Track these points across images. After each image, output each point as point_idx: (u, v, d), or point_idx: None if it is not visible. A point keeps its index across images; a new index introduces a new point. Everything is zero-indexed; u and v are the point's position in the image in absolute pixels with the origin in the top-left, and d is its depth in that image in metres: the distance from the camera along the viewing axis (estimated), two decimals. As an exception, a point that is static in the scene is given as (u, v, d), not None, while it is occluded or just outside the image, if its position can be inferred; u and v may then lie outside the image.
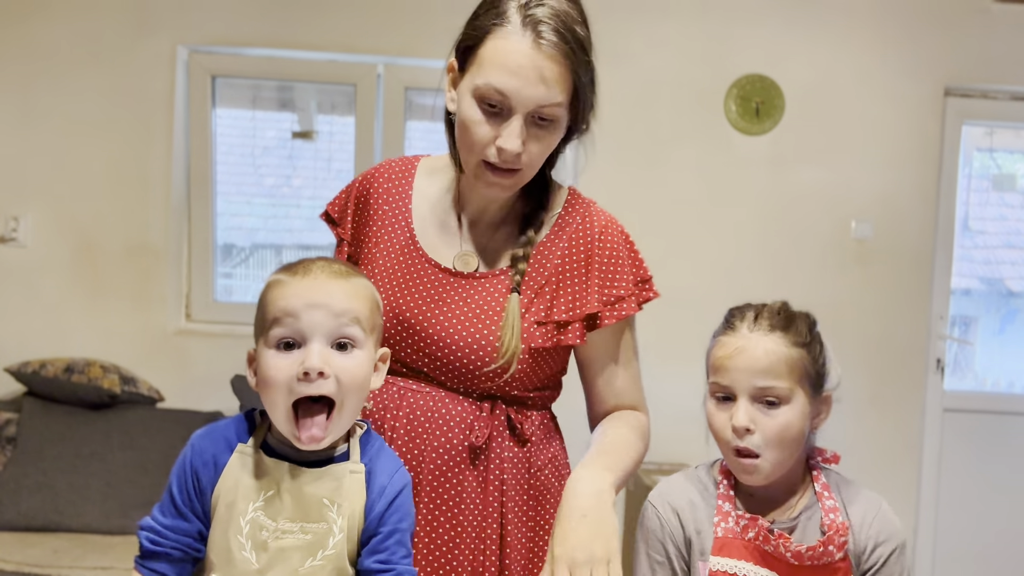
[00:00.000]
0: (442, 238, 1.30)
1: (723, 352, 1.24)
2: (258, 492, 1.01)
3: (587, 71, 1.21)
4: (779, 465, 1.21)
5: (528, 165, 1.22)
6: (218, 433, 1.05)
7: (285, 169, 3.43)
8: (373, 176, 1.35)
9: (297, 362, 0.98)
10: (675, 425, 3.27)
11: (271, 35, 3.16)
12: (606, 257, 1.30)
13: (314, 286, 1.01)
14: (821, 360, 1.25)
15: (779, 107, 3.20)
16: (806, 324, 1.25)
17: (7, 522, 2.66)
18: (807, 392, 1.22)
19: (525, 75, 1.14)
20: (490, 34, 1.17)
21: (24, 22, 3.12)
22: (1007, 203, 3.57)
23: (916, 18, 3.22)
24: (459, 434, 1.22)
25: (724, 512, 1.23)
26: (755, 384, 1.20)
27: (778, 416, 1.19)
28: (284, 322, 1.00)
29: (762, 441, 1.19)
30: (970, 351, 3.61)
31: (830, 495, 1.24)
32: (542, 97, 1.16)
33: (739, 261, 3.21)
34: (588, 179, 3.19)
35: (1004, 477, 3.38)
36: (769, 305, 1.27)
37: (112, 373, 2.92)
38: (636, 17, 3.18)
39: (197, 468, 1.02)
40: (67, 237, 3.16)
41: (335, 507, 1.01)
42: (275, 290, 1.02)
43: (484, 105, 1.17)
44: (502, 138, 1.17)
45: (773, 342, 1.21)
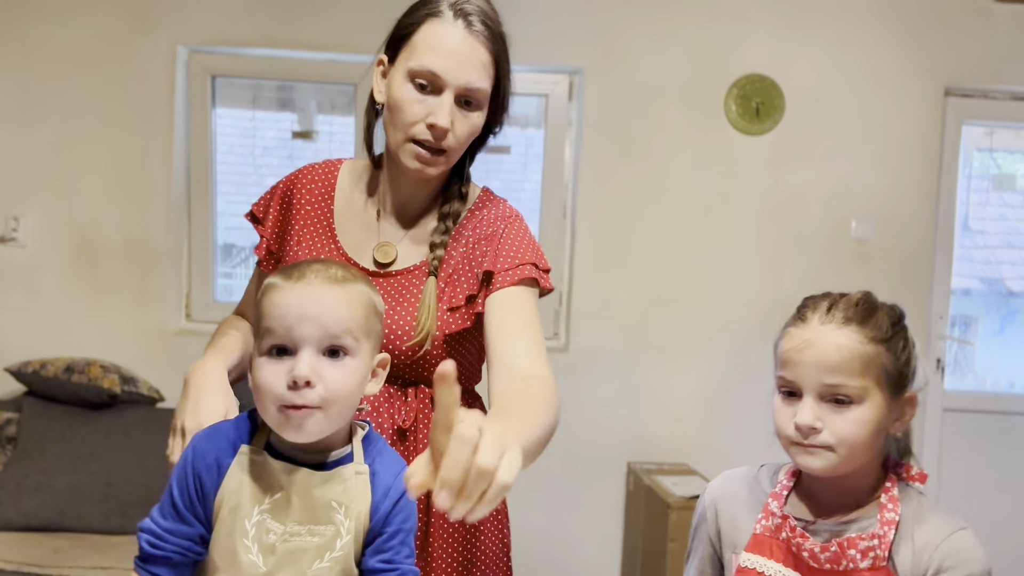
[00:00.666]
0: (363, 235, 1.36)
1: (791, 344, 1.14)
2: (264, 495, 1.01)
3: (507, 63, 1.31)
4: (850, 461, 1.12)
5: (453, 148, 1.28)
6: (220, 434, 1.04)
7: (285, 169, 3.42)
8: (297, 177, 1.42)
9: (287, 370, 0.98)
10: (673, 425, 3.28)
11: (271, 35, 3.16)
12: (510, 236, 1.33)
13: (307, 293, 1.00)
14: (904, 357, 1.14)
15: (779, 107, 3.20)
16: (888, 318, 1.14)
17: (7, 522, 2.66)
18: (885, 392, 1.12)
19: (456, 56, 1.24)
20: (423, 23, 1.27)
21: (24, 22, 3.12)
22: (1007, 203, 3.57)
23: (916, 18, 3.22)
24: (387, 417, 1.27)
25: (769, 511, 1.18)
26: (823, 381, 1.11)
27: (849, 415, 1.10)
28: (276, 330, 1.00)
29: (831, 440, 1.10)
30: (970, 351, 3.61)
31: (893, 508, 1.13)
32: (471, 78, 1.25)
33: (739, 261, 3.21)
34: (588, 179, 3.21)
35: (1004, 477, 3.38)
36: (848, 296, 1.17)
37: (112, 373, 2.92)
38: (636, 17, 3.18)
39: (199, 470, 1.01)
40: (67, 237, 3.16)
41: (342, 509, 1.01)
42: (270, 295, 1.02)
43: (416, 85, 1.25)
44: (434, 115, 1.24)
45: (846, 336, 1.11)
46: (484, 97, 1.29)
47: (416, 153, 1.27)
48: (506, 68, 1.31)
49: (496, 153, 3.35)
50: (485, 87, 1.28)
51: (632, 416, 3.22)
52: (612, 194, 3.21)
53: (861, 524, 1.13)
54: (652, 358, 3.23)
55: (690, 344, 3.23)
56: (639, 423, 3.22)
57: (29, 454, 2.78)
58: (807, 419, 1.11)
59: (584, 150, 3.20)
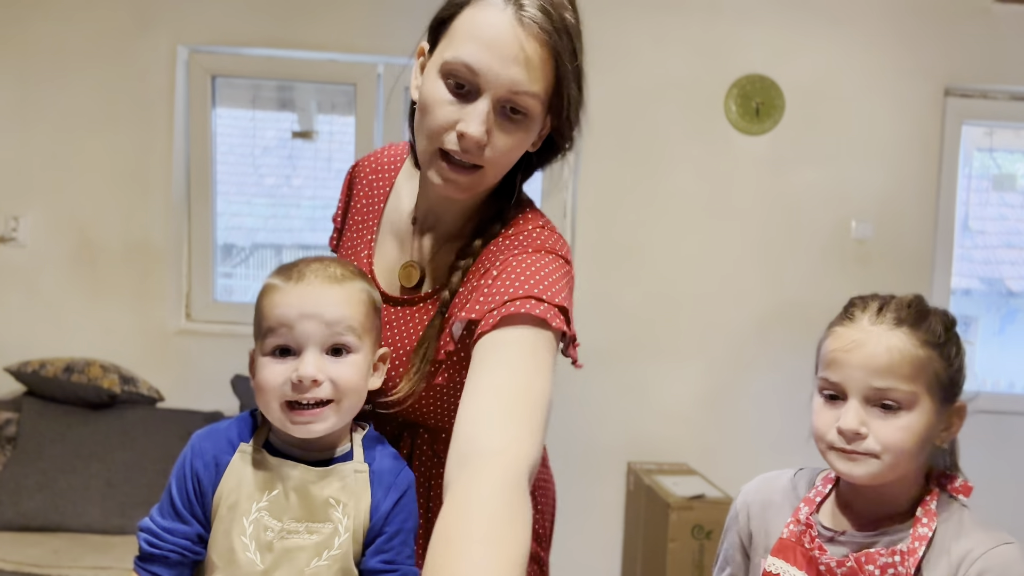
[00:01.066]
0: (396, 252, 1.17)
1: (838, 344, 1.07)
2: (262, 492, 1.00)
3: (572, 61, 1.02)
4: (894, 469, 1.05)
5: (491, 163, 1.03)
6: (219, 433, 1.05)
7: (285, 169, 3.43)
8: (361, 165, 1.26)
9: (291, 369, 0.99)
10: (673, 425, 3.28)
11: (271, 35, 3.16)
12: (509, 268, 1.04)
13: (307, 293, 1.00)
14: (957, 364, 1.08)
15: (779, 107, 3.20)
16: (942, 322, 1.08)
17: (7, 522, 2.66)
18: (935, 400, 1.05)
19: (500, 51, 0.98)
20: (468, 5, 1.01)
21: (24, 21, 3.12)
22: (1007, 203, 3.57)
23: (916, 18, 3.22)
24: None
25: (797, 516, 1.14)
26: (871, 384, 1.04)
27: (897, 422, 1.04)
28: (278, 331, 1.00)
29: (877, 447, 1.04)
30: (970, 351, 3.60)
31: (928, 523, 1.05)
32: (516, 80, 0.99)
33: (739, 261, 3.21)
34: (588, 179, 3.20)
35: (1004, 477, 3.37)
36: (899, 297, 1.10)
37: (112, 373, 2.92)
38: (636, 17, 3.18)
39: (198, 469, 1.02)
40: (67, 237, 3.16)
41: (340, 507, 1.01)
42: (270, 296, 1.02)
43: (450, 83, 1.01)
44: (464, 121, 0.99)
45: (898, 338, 1.05)
46: (534, 105, 1.01)
47: (440, 167, 1.03)
48: (569, 68, 1.02)
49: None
50: (535, 91, 1.00)
51: (632, 416, 3.22)
52: (612, 194, 3.21)
53: (892, 538, 1.07)
54: (652, 358, 3.23)
55: (690, 344, 3.23)
56: (639, 423, 3.22)
57: (29, 454, 2.78)
58: (852, 424, 1.04)
59: (584, 150, 3.20)
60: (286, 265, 1.06)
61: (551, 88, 1.02)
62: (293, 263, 1.05)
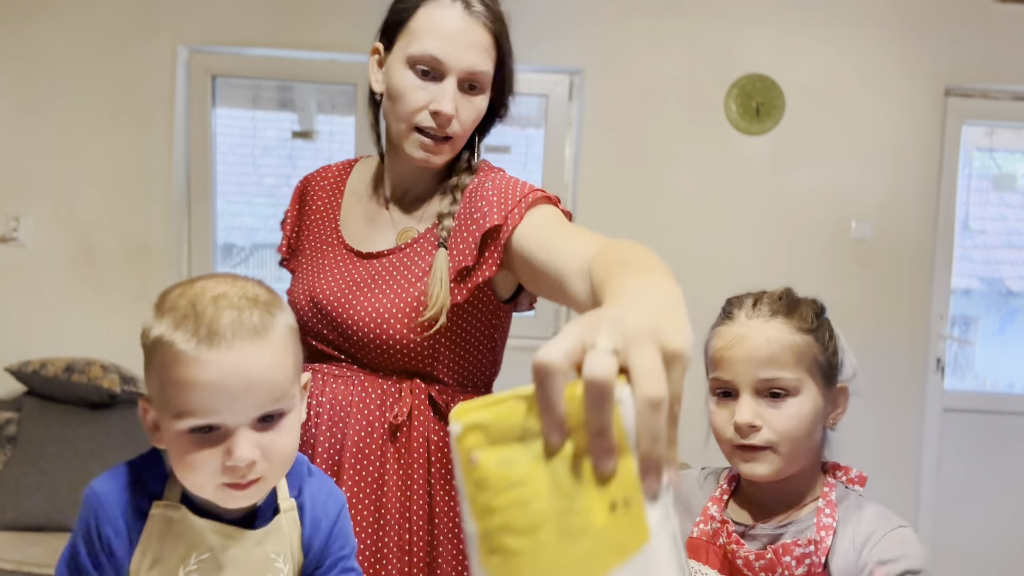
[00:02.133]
0: (365, 227, 1.34)
1: (721, 343, 1.12)
2: (189, 554, 0.90)
3: (508, 43, 1.26)
4: (791, 459, 1.08)
5: (459, 134, 1.25)
6: (123, 489, 0.91)
7: (285, 169, 3.43)
8: (312, 177, 1.43)
9: (222, 452, 0.84)
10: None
11: (271, 35, 3.16)
12: (489, 193, 1.24)
13: (231, 365, 0.82)
14: (832, 348, 1.12)
15: (779, 107, 3.20)
16: (812, 309, 1.13)
17: (7, 522, 2.66)
18: (818, 383, 1.09)
19: (457, 40, 1.20)
20: (421, 7, 1.22)
21: (24, 21, 3.12)
22: (1007, 203, 3.57)
23: (916, 18, 3.22)
24: (379, 415, 1.24)
25: (708, 515, 1.14)
26: (758, 376, 1.08)
27: (787, 408, 1.07)
28: (198, 413, 0.83)
29: (772, 436, 1.07)
30: (970, 351, 3.61)
31: (831, 513, 1.08)
32: (473, 62, 1.21)
33: (738, 261, 3.21)
34: (588, 179, 3.21)
35: (1004, 477, 3.38)
36: (770, 292, 1.15)
37: (112, 373, 2.92)
38: (636, 17, 3.18)
39: (108, 537, 0.89)
40: (67, 237, 3.16)
41: (280, 557, 0.94)
42: (180, 369, 0.82)
43: (417, 70, 1.22)
44: (436, 101, 1.21)
45: (775, 328, 1.09)
46: (487, 79, 1.25)
47: (421, 142, 1.23)
48: (508, 48, 1.27)
49: (496, 153, 3.35)
50: (488, 69, 1.24)
51: (632, 416, 3.21)
52: (612, 194, 3.21)
53: (799, 527, 1.09)
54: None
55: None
56: (639, 423, 3.21)
57: (29, 454, 2.78)
58: (746, 416, 1.07)
59: (584, 150, 3.20)
60: (183, 306, 0.84)
61: (496, 65, 1.25)
62: (190, 302, 0.84)
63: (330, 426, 1.25)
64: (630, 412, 0.51)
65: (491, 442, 0.54)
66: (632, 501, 0.51)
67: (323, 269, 1.33)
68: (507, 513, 0.53)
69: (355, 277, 1.29)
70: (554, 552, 0.51)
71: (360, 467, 1.24)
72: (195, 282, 0.88)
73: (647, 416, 0.50)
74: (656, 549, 0.51)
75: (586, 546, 0.51)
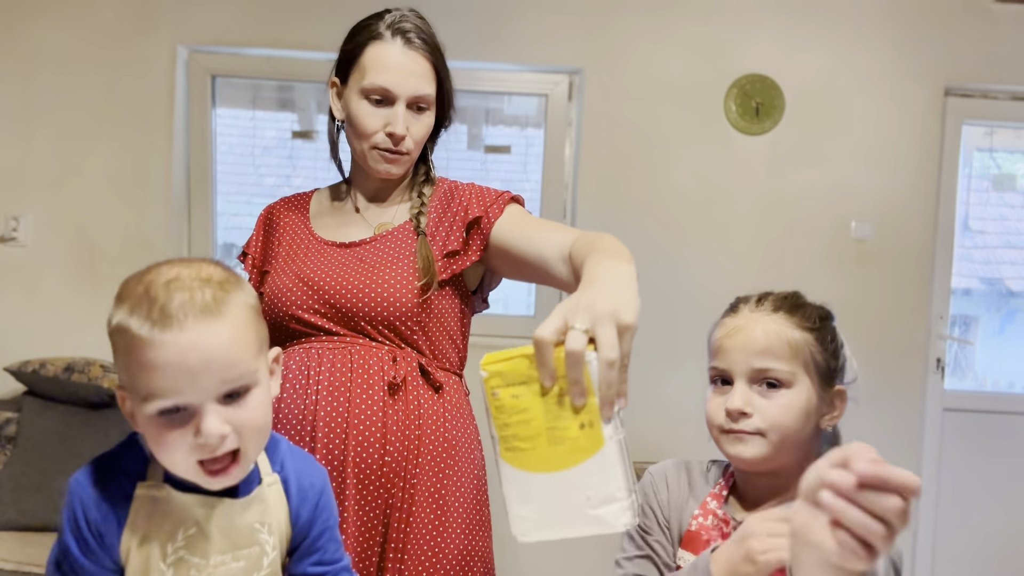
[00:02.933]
0: (339, 227, 1.52)
1: (721, 333, 1.18)
2: (176, 531, 0.92)
3: (445, 68, 1.48)
4: (779, 448, 1.10)
5: (412, 147, 1.46)
6: (107, 475, 0.93)
7: (285, 169, 3.43)
8: (274, 205, 1.61)
9: (190, 430, 0.86)
10: (674, 425, 3.28)
11: (271, 35, 3.16)
12: (467, 193, 1.50)
13: (187, 345, 0.84)
14: (832, 349, 1.15)
15: (779, 107, 3.20)
16: (817, 313, 1.16)
17: (7, 522, 2.66)
18: (814, 381, 1.12)
19: (401, 71, 1.42)
20: (367, 46, 1.44)
21: (24, 21, 3.12)
22: (1007, 203, 3.57)
23: (916, 18, 3.22)
24: (379, 377, 1.38)
25: (707, 509, 1.16)
26: (752, 364, 1.11)
27: (778, 399, 1.10)
28: (162, 395, 0.85)
29: (762, 424, 1.09)
30: (970, 351, 3.61)
31: None
32: (417, 87, 1.43)
33: (738, 261, 3.21)
34: (588, 179, 3.21)
35: (1004, 477, 3.38)
36: (778, 292, 1.20)
37: (112, 373, 2.92)
38: (636, 17, 3.18)
39: (95, 521, 0.91)
40: (67, 236, 3.16)
41: (265, 528, 0.97)
42: (139, 353, 0.85)
43: (371, 100, 1.43)
44: (391, 124, 1.43)
45: (775, 322, 1.13)
46: (431, 99, 1.46)
47: (381, 156, 1.45)
48: (445, 72, 1.48)
49: (496, 153, 3.35)
50: (430, 91, 1.45)
51: (632, 416, 3.20)
52: (612, 194, 3.21)
53: None
54: (652, 358, 3.22)
55: (690, 344, 3.22)
56: (639, 423, 3.21)
57: (29, 454, 2.78)
58: (738, 403, 1.11)
59: (584, 150, 3.20)
60: (138, 292, 0.87)
61: (436, 86, 1.47)
62: (145, 287, 0.87)
63: (331, 391, 1.37)
64: (595, 369, 0.84)
65: (506, 383, 0.87)
66: (594, 423, 0.85)
67: (306, 257, 1.47)
68: (516, 427, 0.87)
69: (341, 260, 1.45)
70: (545, 451, 0.86)
71: (365, 429, 1.35)
72: (151, 268, 0.91)
73: (605, 371, 0.84)
74: (608, 450, 0.85)
75: (565, 448, 0.86)
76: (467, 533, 1.42)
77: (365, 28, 1.46)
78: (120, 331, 0.86)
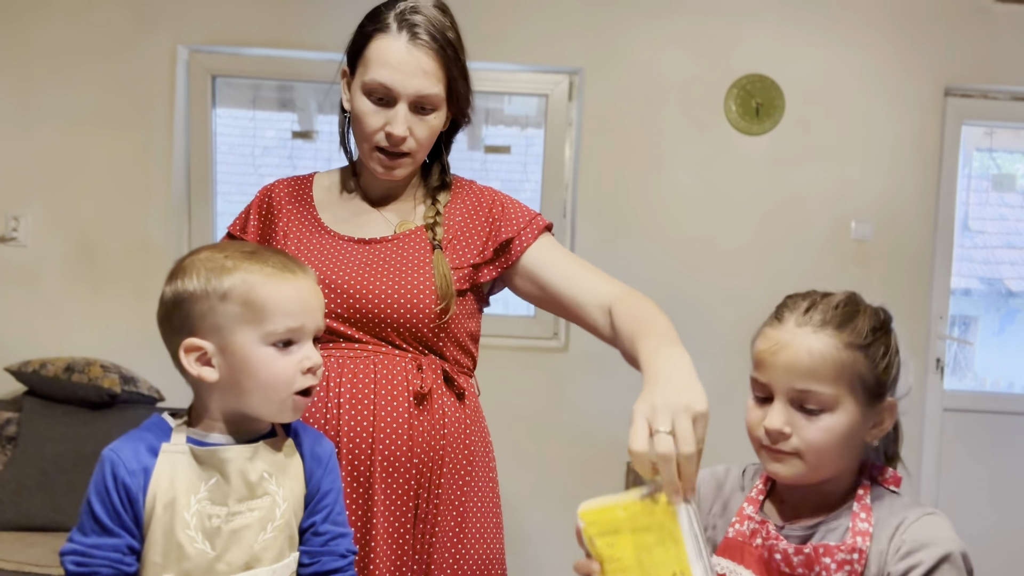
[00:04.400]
0: (351, 217, 1.45)
1: (765, 345, 1.11)
2: (198, 483, 1.02)
3: (457, 67, 1.38)
4: (818, 469, 1.08)
5: (416, 149, 1.38)
6: (135, 442, 1.04)
7: (285, 169, 3.43)
8: (272, 186, 1.51)
9: (299, 359, 1.05)
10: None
11: (271, 35, 3.16)
12: (499, 207, 1.45)
13: (307, 288, 1.07)
14: (883, 365, 1.09)
15: (779, 107, 3.20)
16: (871, 322, 1.10)
17: (7, 522, 2.66)
18: (859, 400, 1.07)
19: (404, 68, 1.33)
20: (373, 39, 1.35)
21: (24, 21, 3.12)
22: (1007, 203, 3.58)
23: (916, 18, 3.22)
24: (404, 386, 1.34)
25: (744, 515, 1.14)
26: (794, 386, 1.06)
27: (819, 422, 1.06)
28: (287, 324, 1.04)
29: (800, 445, 1.07)
30: (970, 351, 3.61)
31: (867, 517, 1.07)
32: (420, 87, 1.34)
33: (738, 261, 3.21)
34: (588, 179, 3.21)
35: (1004, 477, 3.38)
36: (831, 296, 1.12)
37: (112, 373, 2.92)
38: (636, 17, 3.18)
39: (123, 479, 1.00)
40: (67, 236, 3.16)
41: (273, 479, 1.06)
42: (273, 289, 1.04)
43: (372, 98, 1.35)
44: (390, 124, 1.34)
45: (821, 341, 1.06)
46: (438, 100, 1.36)
47: (380, 159, 1.38)
48: (458, 70, 1.38)
49: (496, 153, 3.35)
50: (436, 91, 1.35)
51: (632, 416, 3.21)
52: (612, 194, 3.21)
53: (830, 526, 1.09)
54: (652, 358, 3.22)
55: (690, 344, 3.20)
56: (639, 423, 3.22)
57: (29, 454, 2.78)
58: (776, 423, 1.07)
59: (584, 150, 3.20)
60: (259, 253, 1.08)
61: (446, 85, 1.37)
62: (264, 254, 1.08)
63: (355, 404, 1.32)
64: (684, 517, 0.91)
65: (601, 532, 0.95)
66: (685, 571, 0.90)
67: (324, 255, 1.40)
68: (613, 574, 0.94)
69: (362, 259, 1.38)
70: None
71: (391, 443, 1.32)
72: (215, 244, 1.12)
73: (684, 464, 0.92)
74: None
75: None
76: (486, 538, 1.41)
77: (375, 16, 1.37)
78: (258, 279, 1.03)
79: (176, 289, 1.06)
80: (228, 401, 1.05)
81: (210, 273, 1.04)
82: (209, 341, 1.03)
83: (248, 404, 1.05)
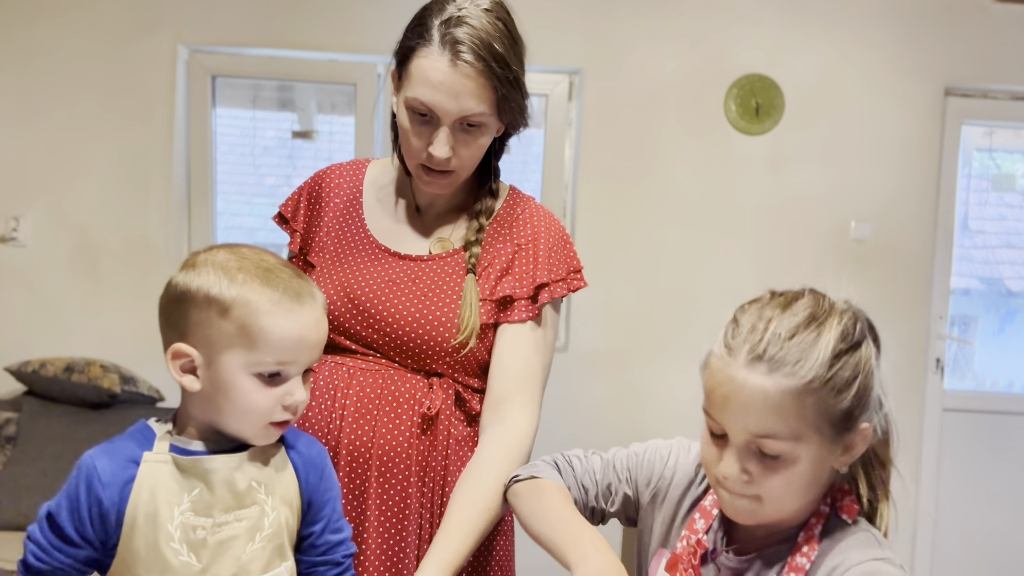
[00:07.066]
0: (394, 226, 1.40)
1: (714, 383, 0.98)
2: (181, 494, 0.99)
3: (506, 82, 1.26)
4: (780, 512, 0.99)
5: (461, 167, 1.31)
6: (116, 451, 1.02)
7: (285, 169, 3.43)
8: (325, 173, 1.46)
9: (280, 394, 1.01)
10: (673, 425, 3.28)
11: (271, 35, 3.16)
12: (552, 243, 1.37)
13: (309, 320, 1.02)
14: (851, 393, 0.96)
15: (779, 107, 3.20)
16: (833, 347, 0.95)
17: (7, 522, 2.66)
18: (825, 436, 0.95)
19: (445, 91, 1.24)
20: (415, 51, 1.26)
21: (25, 21, 3.12)
22: (1007, 203, 3.58)
23: (916, 18, 3.22)
24: (408, 408, 1.29)
25: (694, 528, 1.06)
26: (749, 430, 0.94)
27: (779, 470, 0.95)
28: (276, 357, 1.00)
29: (761, 492, 0.97)
30: (970, 351, 3.61)
31: (809, 551, 0.98)
32: (464, 107, 1.25)
33: (738, 261, 3.21)
34: (588, 179, 3.21)
35: (1004, 477, 3.38)
36: (787, 315, 0.97)
37: (112, 373, 2.92)
38: (636, 17, 3.18)
39: (97, 492, 0.98)
40: (67, 236, 3.16)
41: (262, 488, 1.03)
42: (271, 320, 0.99)
43: (415, 115, 1.27)
44: (432, 146, 1.27)
45: (776, 384, 0.93)
46: (484, 118, 1.28)
47: (423, 178, 1.32)
48: (506, 87, 1.26)
49: (496, 153, 3.35)
50: (482, 109, 1.26)
51: (632, 416, 3.22)
52: (612, 194, 3.22)
53: (767, 558, 1.02)
54: (652, 358, 3.23)
55: (690, 344, 3.22)
56: (639, 423, 3.22)
57: (29, 454, 2.78)
58: (731, 471, 0.96)
59: (584, 150, 3.20)
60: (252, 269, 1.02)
61: (494, 102, 1.27)
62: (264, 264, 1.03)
63: (356, 419, 1.29)
64: None
65: None
66: None
67: (356, 265, 1.36)
68: None
69: (392, 275, 1.34)
70: None
71: (389, 460, 1.28)
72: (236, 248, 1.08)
73: None
74: None
75: None
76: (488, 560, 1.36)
77: (420, 23, 1.27)
78: (258, 303, 0.98)
79: (183, 284, 1.02)
80: (207, 413, 1.02)
81: (219, 281, 1.00)
82: (198, 351, 1.00)
83: (222, 422, 1.02)
